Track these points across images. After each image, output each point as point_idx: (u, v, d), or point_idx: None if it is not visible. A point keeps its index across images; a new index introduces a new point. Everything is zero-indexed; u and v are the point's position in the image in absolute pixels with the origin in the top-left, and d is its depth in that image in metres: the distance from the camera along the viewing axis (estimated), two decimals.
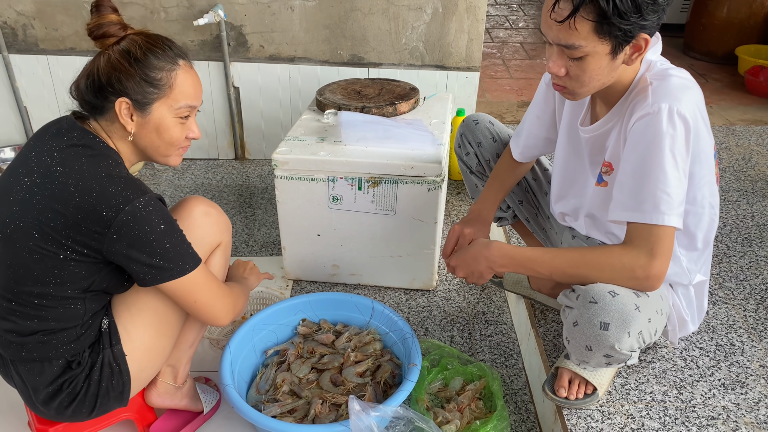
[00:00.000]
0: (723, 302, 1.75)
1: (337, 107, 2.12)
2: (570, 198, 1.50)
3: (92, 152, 1.20)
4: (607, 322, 1.20)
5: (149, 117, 1.24)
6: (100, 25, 1.20)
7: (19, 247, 1.18)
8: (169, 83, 1.24)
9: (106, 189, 1.15)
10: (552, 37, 1.18)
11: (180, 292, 1.25)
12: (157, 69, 1.22)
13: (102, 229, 1.15)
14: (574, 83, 1.23)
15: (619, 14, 1.09)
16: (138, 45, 1.21)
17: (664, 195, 1.16)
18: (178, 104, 1.26)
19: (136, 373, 1.34)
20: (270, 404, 1.53)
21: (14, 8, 2.61)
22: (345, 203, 1.92)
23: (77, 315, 1.24)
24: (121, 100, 1.21)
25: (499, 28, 4.59)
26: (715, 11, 3.75)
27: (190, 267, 1.24)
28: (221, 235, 1.45)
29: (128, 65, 1.20)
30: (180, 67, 1.26)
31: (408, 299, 2.04)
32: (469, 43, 2.71)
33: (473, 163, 1.75)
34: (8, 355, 1.27)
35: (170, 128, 1.27)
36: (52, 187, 1.16)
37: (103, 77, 1.20)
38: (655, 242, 1.18)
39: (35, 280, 1.19)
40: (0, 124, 2.84)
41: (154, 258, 1.18)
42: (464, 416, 1.55)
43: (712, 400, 1.43)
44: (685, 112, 1.16)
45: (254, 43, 2.71)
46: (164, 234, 1.19)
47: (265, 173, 2.86)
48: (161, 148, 1.29)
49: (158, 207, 1.20)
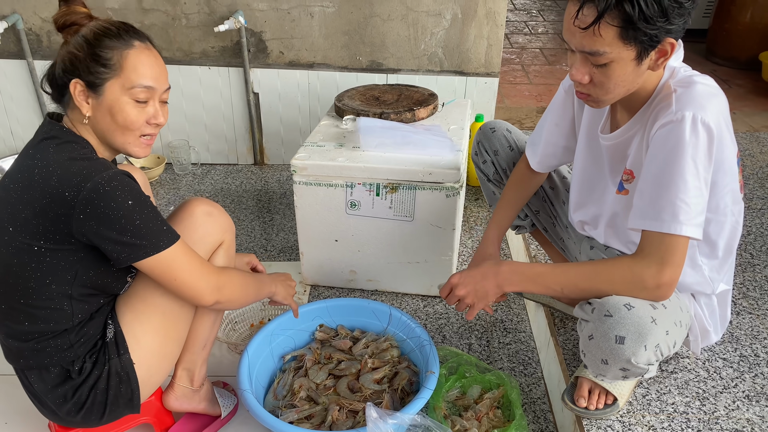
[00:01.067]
0: (747, 312, 1.72)
1: (356, 113, 2.13)
2: (590, 206, 1.48)
3: (59, 141, 1.22)
4: (622, 336, 1.18)
5: (102, 98, 1.22)
6: (67, 15, 1.22)
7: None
8: (120, 63, 1.21)
9: (67, 170, 1.15)
10: (575, 44, 1.16)
11: (158, 269, 1.22)
12: (107, 48, 1.20)
13: (67, 210, 1.14)
14: (599, 90, 1.21)
15: (645, 19, 1.08)
16: (92, 28, 1.22)
17: (683, 204, 1.14)
18: (132, 84, 1.22)
19: (144, 379, 1.34)
20: (287, 410, 1.54)
21: (39, 15, 2.65)
22: (363, 209, 1.92)
23: (65, 316, 1.24)
24: (75, 81, 1.21)
25: (519, 33, 4.57)
26: (738, 16, 3.69)
27: (164, 244, 1.20)
28: (223, 234, 1.45)
29: (80, 47, 1.20)
30: (134, 47, 1.23)
31: (425, 306, 2.03)
32: (489, 49, 2.70)
33: (490, 171, 1.73)
34: (11, 363, 1.30)
35: (123, 110, 1.23)
36: (22, 179, 1.18)
37: (59, 62, 1.22)
38: (667, 251, 1.16)
39: (16, 275, 1.20)
40: (24, 129, 2.89)
41: (124, 235, 1.15)
42: (482, 425, 1.53)
43: (736, 413, 1.40)
44: (709, 120, 1.14)
45: (274, 50, 2.73)
46: (132, 210, 1.15)
47: (283, 178, 2.87)
48: (117, 132, 1.25)
49: (124, 182, 1.16)
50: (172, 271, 1.23)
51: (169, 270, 1.23)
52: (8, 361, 1.30)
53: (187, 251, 1.26)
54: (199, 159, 2.99)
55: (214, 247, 1.43)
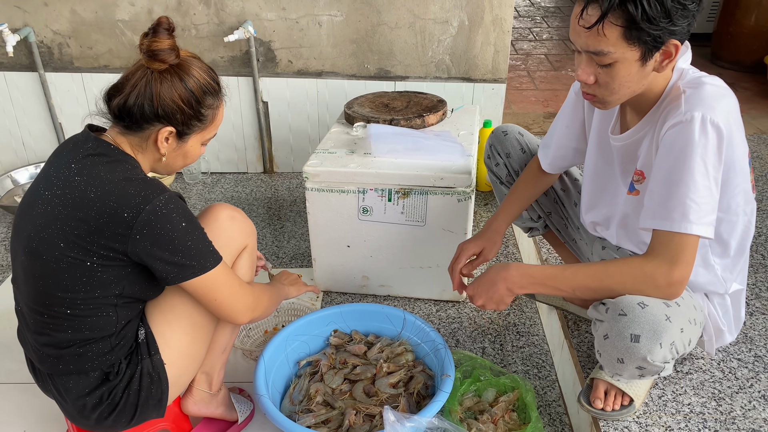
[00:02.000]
0: (760, 313, 1.72)
1: (366, 120, 2.15)
2: (601, 207, 1.49)
3: (108, 159, 1.23)
4: (637, 334, 1.19)
5: (183, 144, 1.30)
6: (155, 51, 1.19)
7: (46, 258, 1.20)
8: (211, 118, 1.31)
9: (125, 191, 1.18)
10: (581, 44, 1.18)
11: (201, 289, 1.27)
12: (208, 107, 1.28)
13: (125, 230, 1.17)
14: (604, 91, 1.23)
15: (648, 19, 1.09)
16: (200, 85, 1.25)
17: (693, 204, 1.15)
18: (210, 135, 1.34)
19: (174, 379, 1.36)
20: (304, 414, 1.54)
21: (51, 28, 2.69)
22: (375, 215, 1.93)
23: (110, 323, 1.26)
24: (167, 129, 1.25)
25: (523, 40, 4.59)
26: (743, 20, 3.71)
27: (210, 264, 1.25)
28: (247, 238, 1.48)
29: (188, 103, 1.24)
30: (221, 103, 1.32)
31: (438, 310, 2.04)
32: (496, 55, 2.72)
33: (503, 173, 1.75)
34: (45, 369, 1.30)
35: (194, 154, 1.35)
36: (73, 196, 1.18)
37: (158, 105, 1.22)
38: (677, 250, 1.17)
39: (65, 289, 1.21)
40: (36, 141, 2.92)
41: (176, 256, 1.20)
42: (498, 428, 1.54)
43: (753, 413, 1.40)
44: (718, 120, 1.15)
45: (282, 59, 2.75)
46: (186, 231, 1.21)
47: (293, 186, 2.89)
48: (177, 167, 1.36)
49: (179, 205, 1.22)
50: (214, 291, 1.28)
51: (212, 290, 1.28)
52: (42, 367, 1.31)
53: (228, 272, 1.31)
54: (209, 168, 3.02)
55: (239, 251, 1.46)
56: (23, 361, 1.83)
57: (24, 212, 1.25)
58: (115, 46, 2.73)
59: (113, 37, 2.71)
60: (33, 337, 1.28)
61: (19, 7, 2.64)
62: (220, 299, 1.30)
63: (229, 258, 1.42)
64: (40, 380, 1.37)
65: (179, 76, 1.22)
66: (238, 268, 1.47)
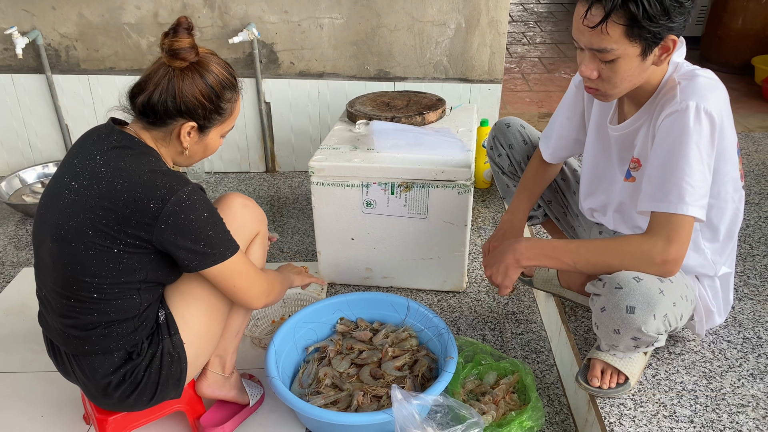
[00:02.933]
0: (749, 298, 1.80)
1: (368, 118, 2.22)
2: (599, 194, 1.56)
3: (133, 152, 1.29)
4: (633, 306, 1.27)
5: (204, 137, 1.37)
6: (176, 49, 1.25)
7: (74, 246, 1.25)
8: (230, 111, 1.37)
9: (151, 183, 1.23)
10: (584, 42, 1.25)
11: (221, 276, 1.33)
12: (227, 100, 1.34)
13: (151, 220, 1.22)
14: (606, 85, 1.30)
15: (648, 18, 1.17)
16: (219, 80, 1.31)
17: (689, 187, 1.23)
18: (228, 127, 1.41)
19: (192, 359, 1.42)
20: (313, 396, 1.61)
21: (58, 31, 2.75)
22: (378, 208, 2.00)
23: (134, 305, 1.32)
24: (189, 124, 1.31)
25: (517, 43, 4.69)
26: (731, 23, 3.82)
27: (230, 252, 1.32)
28: (259, 225, 1.55)
29: (208, 98, 1.30)
30: (239, 96, 1.38)
31: (439, 300, 2.11)
32: (492, 57, 2.80)
33: (505, 164, 1.82)
34: (71, 351, 1.35)
35: (214, 146, 1.42)
36: (100, 187, 1.24)
37: (180, 101, 1.28)
38: (674, 230, 1.25)
39: (93, 275, 1.27)
40: (43, 141, 2.98)
41: (198, 244, 1.26)
42: (500, 408, 1.60)
43: (741, 389, 1.47)
44: (711, 110, 1.23)
45: (285, 60, 2.83)
46: (207, 222, 1.27)
47: (295, 185, 2.96)
48: (197, 158, 1.43)
49: (201, 196, 1.28)
50: (233, 277, 1.35)
51: (231, 276, 1.34)
52: (68, 349, 1.36)
53: (245, 259, 1.38)
54: (213, 167, 3.08)
55: (252, 237, 1.53)
56: (38, 351, 1.90)
57: (50, 201, 1.31)
58: (121, 48, 2.79)
59: (119, 39, 2.77)
60: (58, 320, 1.34)
61: (28, 11, 2.70)
62: (238, 285, 1.36)
63: (243, 243, 1.48)
64: (62, 363, 1.42)
65: (199, 72, 1.28)
66: (251, 253, 1.54)
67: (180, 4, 2.69)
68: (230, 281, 1.35)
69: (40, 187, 2.84)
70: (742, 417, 1.40)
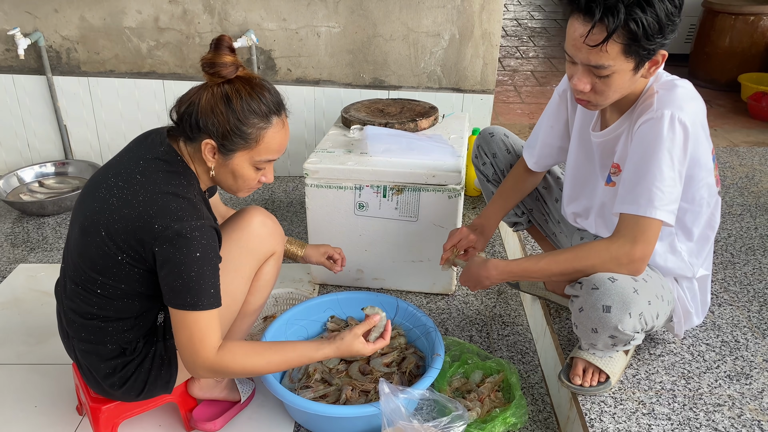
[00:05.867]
0: (728, 304, 1.86)
1: (362, 123, 2.27)
2: (582, 199, 1.62)
3: (170, 168, 1.29)
4: (608, 305, 1.32)
5: (229, 162, 1.30)
6: (214, 63, 1.23)
7: (89, 240, 1.29)
8: (257, 138, 1.28)
9: (167, 205, 1.23)
10: (581, 59, 1.29)
11: (181, 322, 1.25)
12: (250, 125, 1.26)
13: (150, 239, 1.22)
14: (599, 97, 1.35)
15: (647, 36, 1.22)
16: (240, 96, 1.24)
17: (658, 191, 1.28)
18: (260, 158, 1.31)
19: (183, 365, 1.42)
20: (303, 390, 1.64)
21: (60, 33, 2.80)
22: (370, 210, 2.05)
23: (133, 309, 1.35)
24: (208, 141, 1.27)
25: (510, 57, 4.77)
26: (718, 41, 3.91)
27: (203, 305, 1.23)
28: (276, 245, 1.55)
29: (224, 115, 1.24)
30: (272, 125, 1.29)
31: (428, 302, 2.16)
32: (484, 68, 2.87)
33: (489, 172, 1.88)
34: (71, 332, 1.40)
35: (244, 174, 1.33)
36: (127, 192, 1.26)
37: (201, 116, 1.25)
38: (640, 231, 1.31)
39: (98, 272, 1.30)
40: (41, 142, 3.02)
41: (177, 280, 1.21)
42: (484, 405, 1.65)
43: (718, 390, 1.52)
44: (685, 119, 1.28)
45: (282, 67, 2.88)
46: (195, 262, 1.21)
47: (290, 189, 3.01)
48: (233, 187, 1.37)
49: (205, 236, 1.23)
50: (189, 330, 1.25)
51: (188, 328, 1.25)
52: (69, 330, 1.40)
53: (213, 324, 1.26)
54: None
55: (266, 257, 1.52)
56: (33, 344, 1.94)
57: (89, 190, 1.34)
58: (121, 51, 2.84)
59: (120, 43, 2.83)
60: (66, 301, 1.38)
61: (30, 13, 2.75)
62: (188, 340, 1.25)
63: (255, 262, 1.48)
64: (65, 338, 1.45)
65: (227, 92, 1.24)
66: (263, 273, 1.53)
67: (181, 9, 2.75)
68: (186, 332, 1.25)
69: (37, 186, 2.87)
70: (718, 415, 1.44)
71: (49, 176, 2.95)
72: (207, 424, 1.61)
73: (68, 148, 3.03)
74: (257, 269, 1.51)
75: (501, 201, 1.78)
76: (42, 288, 2.22)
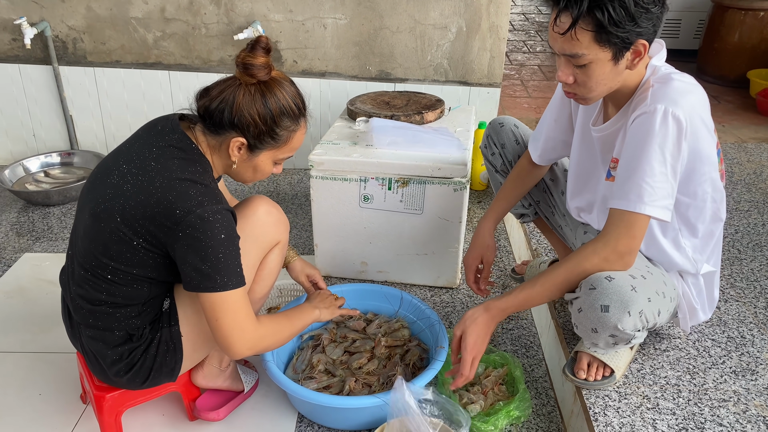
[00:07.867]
0: (734, 300, 1.84)
1: (368, 116, 2.27)
2: (585, 194, 1.61)
3: (185, 155, 1.30)
4: (606, 305, 1.31)
5: (254, 158, 1.35)
6: (248, 65, 1.25)
7: (103, 226, 1.29)
8: (285, 139, 1.34)
9: (186, 191, 1.25)
10: (558, 48, 1.30)
11: (212, 305, 1.27)
12: (283, 127, 1.31)
13: (172, 224, 1.23)
14: (582, 89, 1.34)
15: (614, 23, 1.21)
16: (276, 99, 1.29)
17: (648, 187, 1.27)
18: (283, 155, 1.38)
19: (189, 353, 1.44)
20: (306, 381, 1.64)
21: (66, 23, 2.80)
22: (375, 202, 2.05)
23: (142, 295, 1.36)
24: (238, 139, 1.30)
25: (518, 51, 4.75)
26: (727, 37, 3.87)
27: (232, 285, 1.26)
28: (281, 234, 1.55)
29: (263, 120, 1.28)
30: (300, 127, 1.36)
31: (432, 296, 2.15)
32: (491, 61, 2.86)
33: (498, 162, 1.87)
34: (78, 319, 1.40)
35: (264, 169, 1.39)
36: (142, 179, 1.27)
37: (236, 115, 1.27)
38: (626, 226, 1.30)
39: (111, 258, 1.30)
40: (47, 131, 3.02)
41: (205, 264, 1.23)
42: (488, 398, 1.64)
43: (724, 385, 1.51)
44: (679, 114, 1.26)
45: (288, 59, 2.88)
46: (221, 244, 1.24)
47: (294, 181, 3.00)
48: (246, 178, 1.41)
49: (226, 219, 1.26)
50: (221, 311, 1.27)
51: (220, 310, 1.27)
52: (76, 316, 1.40)
53: (244, 301, 1.30)
54: None
55: (271, 246, 1.53)
56: (37, 332, 1.94)
57: (99, 177, 1.35)
58: (127, 42, 2.84)
59: (126, 33, 2.82)
60: (74, 287, 1.38)
61: (37, 2, 2.75)
62: (221, 322, 1.28)
63: (260, 251, 1.49)
64: (70, 327, 1.46)
65: (262, 92, 1.27)
66: (268, 262, 1.53)
67: (187, 0, 2.74)
68: (216, 313, 1.27)
69: (42, 176, 2.88)
70: (723, 411, 1.44)
71: (54, 166, 2.96)
72: (210, 413, 1.61)
73: (74, 138, 3.03)
74: (262, 258, 1.51)
75: (501, 202, 1.78)
76: (47, 277, 2.22)
